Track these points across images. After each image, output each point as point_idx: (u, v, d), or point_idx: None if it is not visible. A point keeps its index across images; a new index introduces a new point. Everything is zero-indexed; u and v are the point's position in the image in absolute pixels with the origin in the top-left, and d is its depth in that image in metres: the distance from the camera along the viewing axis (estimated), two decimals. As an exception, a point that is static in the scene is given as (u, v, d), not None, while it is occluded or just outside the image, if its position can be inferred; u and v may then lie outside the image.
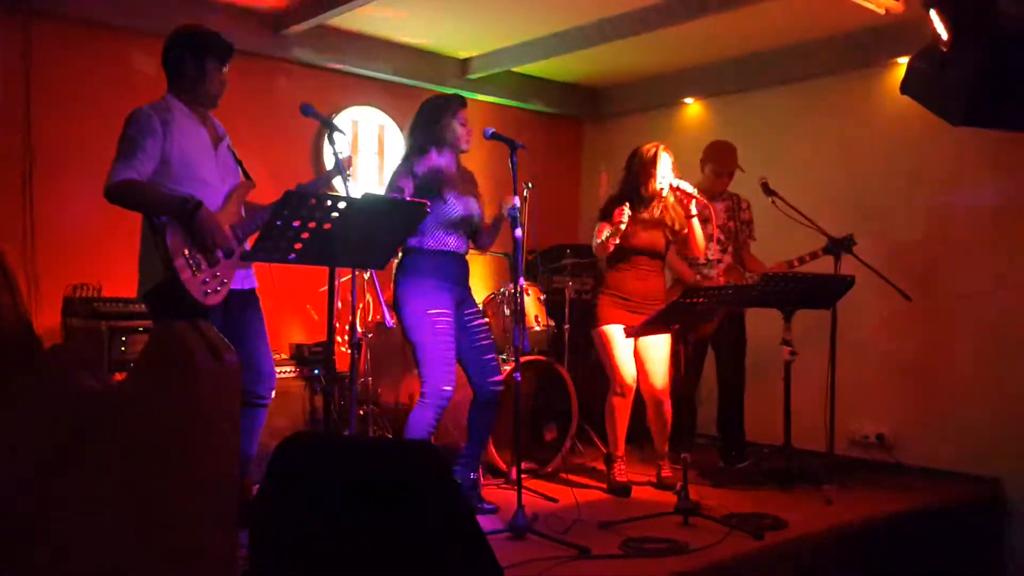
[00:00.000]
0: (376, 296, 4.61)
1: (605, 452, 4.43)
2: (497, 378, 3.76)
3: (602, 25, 5.19)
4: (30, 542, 2.07)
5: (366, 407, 4.63)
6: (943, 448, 4.79)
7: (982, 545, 4.49)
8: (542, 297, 4.90)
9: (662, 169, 4.14)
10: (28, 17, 4.46)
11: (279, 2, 4.95)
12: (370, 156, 5.75)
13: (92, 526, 2.02)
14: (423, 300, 3.57)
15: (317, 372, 4.63)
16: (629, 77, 6.39)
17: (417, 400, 3.62)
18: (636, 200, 4.16)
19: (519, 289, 3.49)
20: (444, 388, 3.56)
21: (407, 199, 3.42)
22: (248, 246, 3.14)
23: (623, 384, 4.17)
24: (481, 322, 3.79)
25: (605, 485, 4.28)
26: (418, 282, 3.60)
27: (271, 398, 3.33)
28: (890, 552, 3.85)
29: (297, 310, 5.20)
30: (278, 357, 4.53)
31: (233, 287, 3.13)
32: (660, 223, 4.20)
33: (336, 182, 3.46)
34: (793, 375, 4.26)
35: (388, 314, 4.47)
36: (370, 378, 4.74)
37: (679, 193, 4.15)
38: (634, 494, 4.17)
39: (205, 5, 4.79)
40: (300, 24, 5.00)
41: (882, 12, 4.60)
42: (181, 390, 1.87)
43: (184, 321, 1.94)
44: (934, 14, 2.47)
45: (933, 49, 2.58)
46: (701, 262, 4.72)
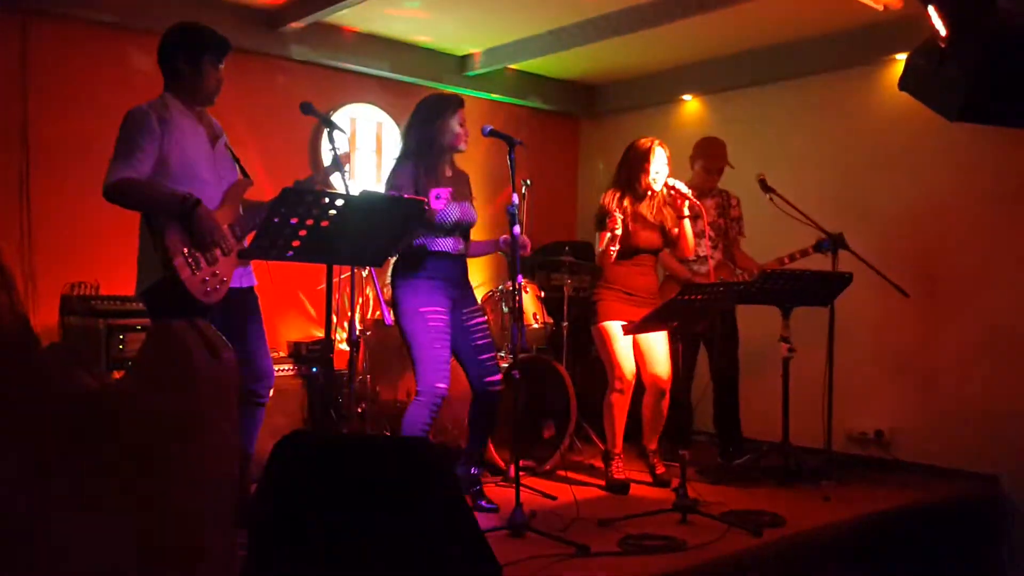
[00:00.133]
0: (375, 293, 4.61)
1: (603, 449, 4.43)
2: (495, 378, 3.76)
3: (600, 22, 5.19)
4: (29, 542, 2.07)
5: (364, 405, 4.62)
6: (941, 445, 4.80)
7: (980, 542, 4.50)
8: (540, 295, 4.89)
9: (656, 164, 4.14)
10: (25, 16, 4.45)
11: (276, -1, 4.95)
12: (368, 154, 5.74)
13: (91, 526, 2.01)
14: (416, 298, 3.59)
15: (315, 370, 4.62)
16: (627, 74, 6.39)
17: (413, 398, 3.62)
18: (630, 193, 4.16)
19: (517, 287, 3.49)
20: (438, 386, 3.56)
21: (405, 196, 3.41)
22: (246, 244, 3.13)
23: (623, 380, 4.17)
24: (479, 321, 3.78)
25: (603, 483, 4.28)
26: (411, 281, 3.62)
27: (269, 396, 3.33)
28: (888, 549, 3.85)
29: (295, 308, 5.20)
30: (276, 355, 4.52)
31: (231, 285, 3.13)
32: (658, 221, 4.20)
33: (335, 179, 3.45)
34: (791, 372, 4.27)
35: (387, 311, 4.48)
36: (368, 376, 4.73)
37: (673, 192, 4.15)
38: (632, 491, 4.17)
39: (202, 3, 4.78)
40: (297, 21, 4.99)
41: (880, 9, 4.60)
42: (179, 388, 1.87)
43: (182, 319, 1.94)
44: (932, 10, 2.47)
45: (931, 45, 2.58)
46: (691, 259, 4.72)
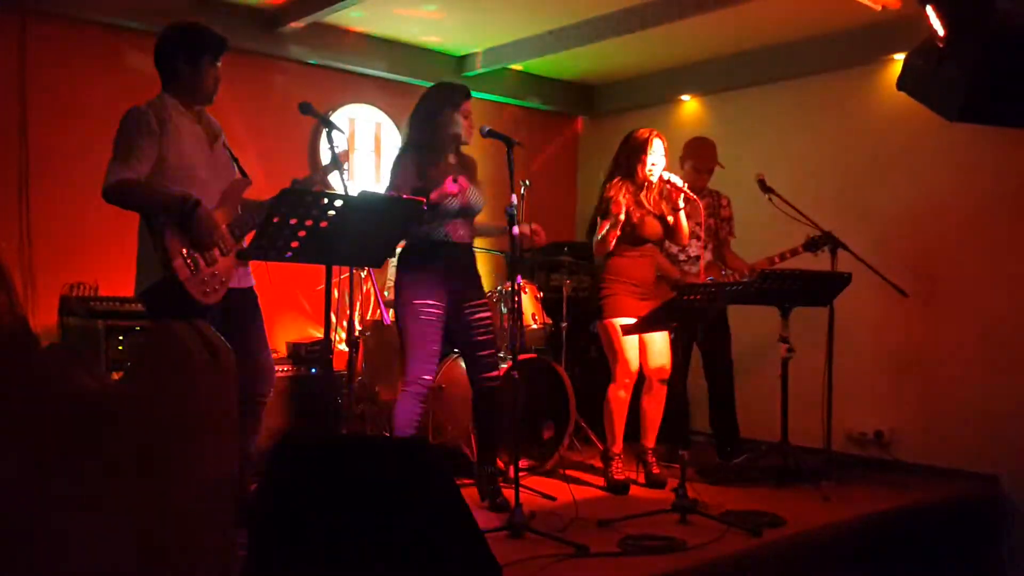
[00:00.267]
0: (374, 294, 4.61)
1: (602, 449, 4.43)
2: (491, 374, 3.75)
3: (599, 22, 5.19)
4: (29, 542, 2.07)
5: (363, 405, 4.62)
6: (941, 445, 4.80)
7: (979, 542, 4.49)
8: (539, 295, 4.89)
9: (654, 155, 4.14)
10: (23, 17, 4.45)
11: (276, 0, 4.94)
12: (367, 154, 5.74)
13: (91, 526, 2.01)
14: (411, 290, 3.62)
15: (314, 371, 4.62)
16: (626, 74, 6.39)
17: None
18: (630, 182, 4.16)
19: (516, 287, 3.49)
20: (423, 377, 3.58)
21: (404, 196, 3.40)
22: (245, 244, 3.13)
23: (629, 375, 4.15)
24: (481, 316, 3.76)
25: (603, 483, 4.28)
26: (408, 273, 3.65)
27: (270, 396, 3.32)
28: (888, 549, 3.85)
29: (294, 309, 5.20)
30: (275, 355, 4.51)
31: (231, 286, 3.13)
32: (658, 211, 4.21)
33: (334, 179, 3.45)
34: (791, 372, 4.27)
35: (385, 312, 4.47)
36: (367, 376, 4.73)
37: (669, 186, 4.15)
38: (632, 491, 4.16)
39: (202, 3, 4.78)
40: (296, 22, 4.99)
41: (879, 9, 4.60)
42: (179, 389, 1.87)
43: (181, 320, 1.94)
44: (930, 10, 2.47)
45: (930, 45, 2.58)
46: (682, 259, 4.72)
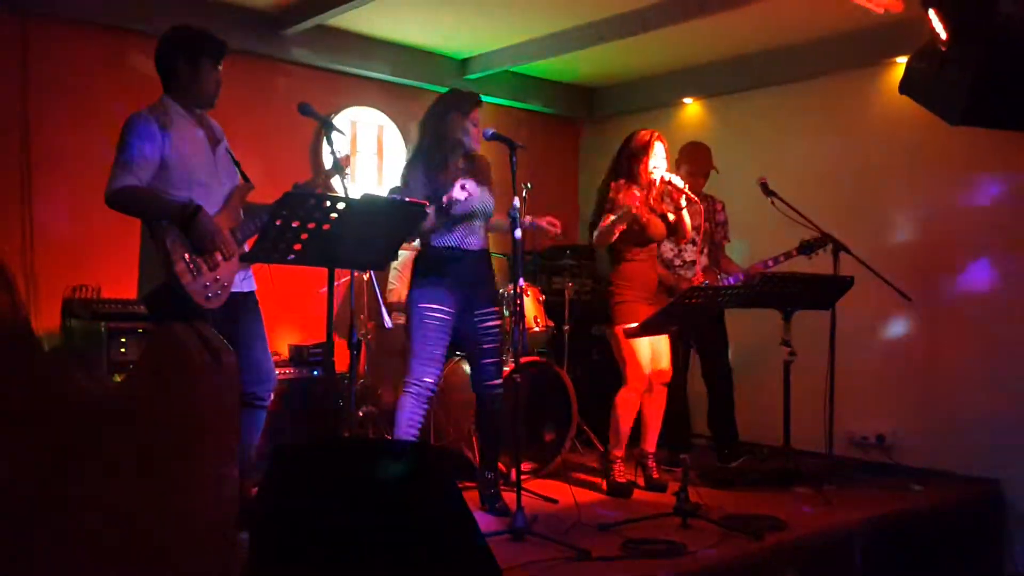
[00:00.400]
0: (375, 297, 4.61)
1: (605, 452, 4.42)
2: (493, 382, 3.76)
3: (600, 25, 5.19)
4: (30, 543, 2.07)
5: (366, 408, 4.62)
6: (943, 449, 4.79)
7: (981, 547, 4.49)
8: (541, 298, 4.89)
9: (656, 158, 4.15)
10: (25, 18, 4.45)
11: (278, 2, 4.94)
12: (369, 156, 5.75)
13: (92, 527, 2.01)
14: (419, 295, 3.67)
15: (316, 373, 4.62)
16: (628, 77, 6.39)
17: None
18: (633, 183, 4.16)
19: (518, 290, 3.49)
20: (424, 379, 3.62)
21: (406, 199, 3.41)
22: (247, 248, 3.13)
23: (641, 380, 4.14)
24: (491, 324, 3.79)
25: (604, 486, 4.27)
26: (418, 278, 3.72)
27: (271, 399, 3.33)
28: (889, 554, 3.84)
29: (296, 311, 5.20)
30: (277, 358, 4.52)
31: (232, 289, 3.13)
32: (660, 211, 4.21)
33: (335, 182, 3.46)
34: (792, 376, 4.26)
35: (386, 315, 4.47)
36: (370, 379, 4.73)
37: (670, 187, 4.16)
38: (633, 495, 4.15)
39: (204, 5, 4.79)
40: (299, 24, 4.99)
41: (881, 12, 4.60)
42: (180, 391, 1.87)
43: (183, 323, 1.94)
44: (933, 14, 2.48)
45: (932, 49, 2.58)
46: (677, 264, 4.72)
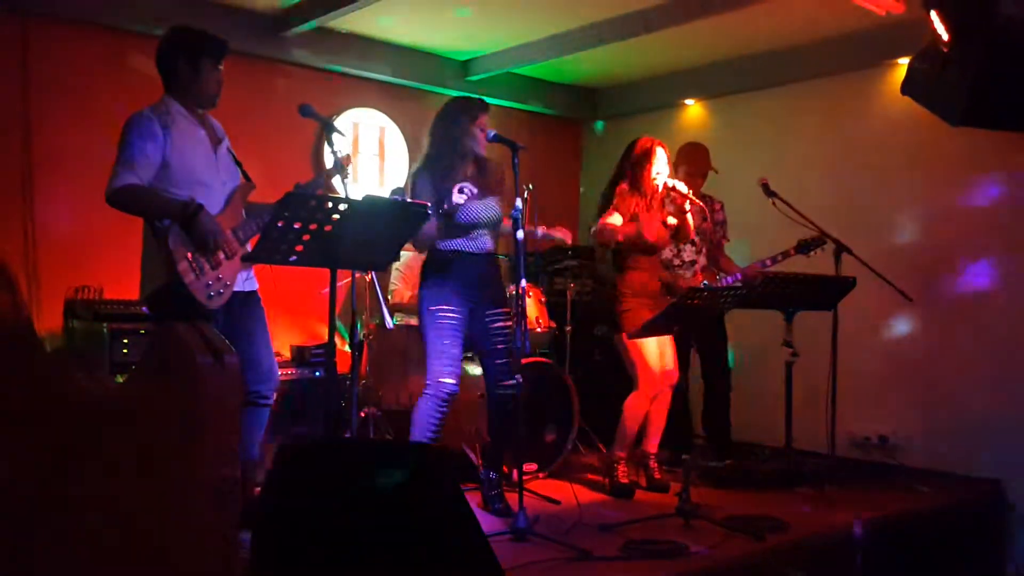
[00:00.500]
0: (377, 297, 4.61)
1: (607, 453, 4.41)
2: (507, 382, 3.76)
3: (602, 26, 5.19)
4: (32, 543, 2.07)
5: (367, 409, 4.62)
6: (944, 450, 4.79)
7: (983, 547, 4.48)
8: (543, 299, 4.89)
9: (658, 165, 4.15)
10: (25, 18, 4.46)
11: (279, 4, 4.95)
12: (370, 158, 5.75)
13: (92, 527, 2.02)
14: (428, 298, 3.70)
15: (318, 374, 4.62)
16: (629, 78, 6.39)
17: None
18: (637, 192, 4.16)
19: (520, 291, 3.49)
20: (443, 380, 3.61)
21: (407, 200, 3.42)
22: (249, 248, 3.14)
23: (653, 385, 4.14)
24: (502, 325, 3.80)
25: (607, 486, 4.27)
26: (427, 282, 3.74)
27: (274, 398, 3.33)
28: (891, 554, 3.84)
29: (298, 312, 5.20)
30: (279, 358, 4.52)
31: (234, 289, 3.13)
32: (663, 217, 4.22)
33: (336, 182, 3.46)
34: (795, 376, 4.26)
35: (388, 315, 4.47)
36: (372, 379, 4.73)
37: (674, 193, 4.16)
38: (635, 496, 4.15)
39: (205, 6, 4.80)
40: (301, 26, 5.00)
41: (882, 13, 4.60)
42: (182, 391, 1.88)
43: (185, 322, 1.94)
44: (934, 15, 2.47)
45: (933, 50, 2.58)
46: (676, 264, 4.72)
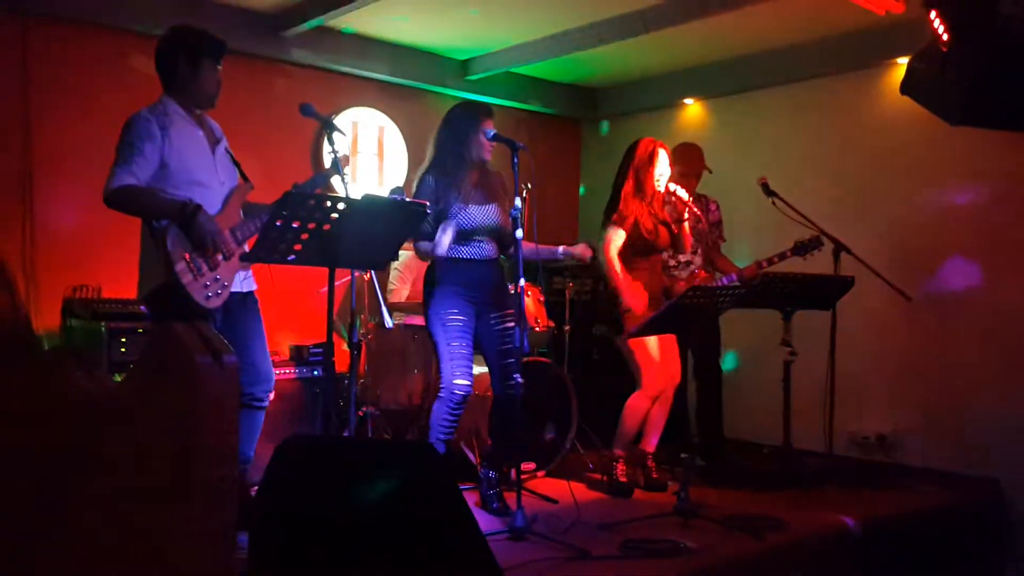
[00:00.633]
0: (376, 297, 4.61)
1: (606, 452, 4.41)
2: (514, 381, 3.76)
3: (601, 26, 5.19)
4: (28, 543, 2.07)
5: (366, 408, 4.62)
6: (943, 449, 4.79)
7: (982, 546, 4.48)
8: (542, 298, 4.89)
9: (660, 167, 4.15)
10: (26, 18, 4.46)
11: (279, 3, 4.94)
12: (370, 157, 5.75)
13: (92, 526, 2.02)
14: (434, 303, 3.72)
15: (317, 374, 4.62)
16: (629, 78, 6.39)
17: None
18: (640, 195, 4.16)
19: (519, 290, 3.49)
20: (454, 382, 3.64)
21: (406, 199, 3.42)
22: (248, 248, 3.14)
23: (657, 385, 4.14)
24: (507, 326, 3.81)
25: (605, 485, 4.27)
26: (432, 287, 3.76)
27: (269, 400, 3.33)
28: (890, 554, 3.84)
29: (296, 311, 5.20)
30: (277, 358, 4.52)
31: (232, 289, 3.13)
32: (666, 221, 4.21)
33: (335, 182, 3.46)
34: (793, 375, 4.26)
35: (387, 315, 4.47)
36: (370, 379, 4.73)
37: (674, 198, 4.17)
38: (633, 495, 4.15)
39: (204, 6, 4.79)
40: (300, 25, 5.00)
41: (882, 13, 4.60)
42: (180, 391, 1.87)
43: (183, 322, 1.94)
44: (934, 15, 2.48)
45: (933, 49, 2.59)
46: (672, 264, 4.72)
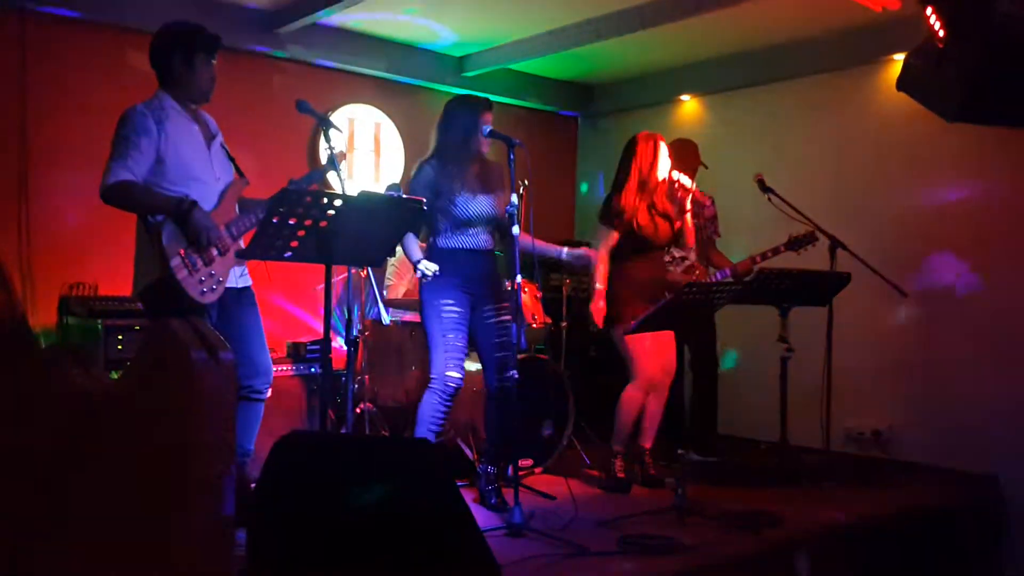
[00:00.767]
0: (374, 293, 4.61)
1: (604, 448, 4.42)
2: (509, 374, 3.76)
3: (598, 22, 5.19)
4: (28, 541, 2.07)
5: (363, 405, 4.62)
6: (940, 445, 4.80)
7: (978, 542, 4.49)
8: (539, 295, 4.89)
9: (661, 158, 4.15)
10: (23, 15, 4.45)
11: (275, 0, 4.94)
12: (366, 153, 5.75)
13: (90, 524, 2.02)
14: (430, 292, 3.71)
15: (314, 370, 4.62)
16: (625, 74, 6.39)
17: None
18: (640, 190, 4.15)
19: (516, 287, 3.49)
20: (447, 374, 3.63)
21: (403, 196, 3.43)
22: (243, 243, 3.13)
23: (649, 379, 4.14)
24: (500, 319, 3.81)
25: (603, 482, 4.27)
26: (427, 280, 3.71)
27: (268, 392, 3.32)
28: (886, 550, 3.85)
29: (293, 308, 5.20)
30: (274, 355, 4.51)
31: (228, 285, 3.13)
32: (667, 215, 4.21)
33: (332, 178, 3.46)
34: (790, 372, 4.27)
35: (384, 311, 4.47)
36: (367, 376, 4.73)
37: (677, 186, 4.16)
38: (631, 491, 4.16)
39: (201, 4, 4.78)
40: (296, 22, 4.99)
41: (879, 9, 4.61)
42: (177, 387, 1.87)
43: (179, 318, 1.94)
44: (930, 11, 2.48)
45: (929, 46, 2.59)
46: (667, 259, 4.72)
